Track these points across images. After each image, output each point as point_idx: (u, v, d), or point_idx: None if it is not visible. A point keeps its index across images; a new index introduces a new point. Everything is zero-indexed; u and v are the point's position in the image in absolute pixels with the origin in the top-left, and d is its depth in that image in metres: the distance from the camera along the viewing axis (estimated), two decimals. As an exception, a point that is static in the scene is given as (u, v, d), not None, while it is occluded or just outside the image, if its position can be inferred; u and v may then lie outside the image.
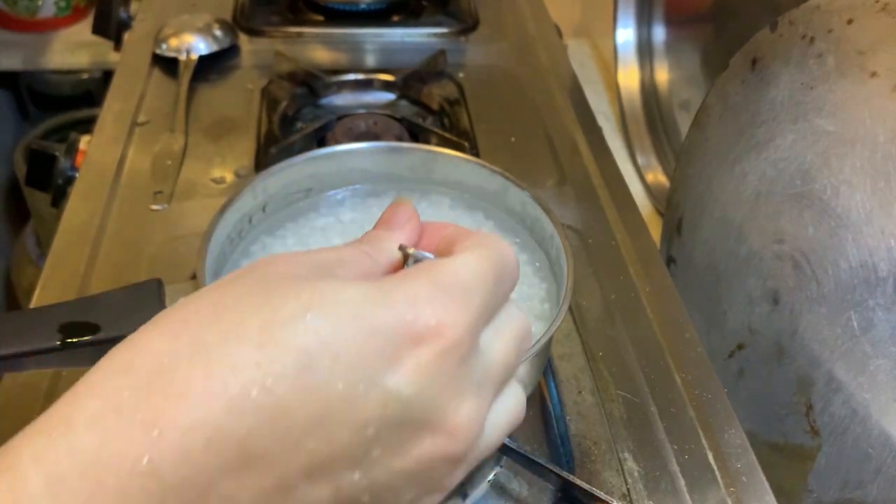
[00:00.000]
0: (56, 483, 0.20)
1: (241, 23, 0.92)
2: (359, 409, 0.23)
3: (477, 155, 0.73)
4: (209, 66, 0.84)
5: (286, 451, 0.22)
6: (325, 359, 0.22)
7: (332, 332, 0.23)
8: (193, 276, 0.41)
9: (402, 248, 0.29)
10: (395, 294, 0.24)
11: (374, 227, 0.31)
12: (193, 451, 0.21)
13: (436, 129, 0.77)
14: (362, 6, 0.94)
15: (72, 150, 0.77)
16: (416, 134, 0.76)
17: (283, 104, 0.80)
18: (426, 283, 0.25)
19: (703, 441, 0.50)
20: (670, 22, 1.01)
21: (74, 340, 0.37)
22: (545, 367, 0.52)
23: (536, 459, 0.45)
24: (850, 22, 0.53)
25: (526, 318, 0.29)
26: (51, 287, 0.57)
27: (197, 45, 0.84)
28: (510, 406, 0.28)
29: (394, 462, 0.24)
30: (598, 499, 0.44)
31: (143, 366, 0.22)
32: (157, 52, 0.83)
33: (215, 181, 0.69)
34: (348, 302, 0.23)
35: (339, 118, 0.77)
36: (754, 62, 0.62)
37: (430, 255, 0.29)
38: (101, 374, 0.22)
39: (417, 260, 0.29)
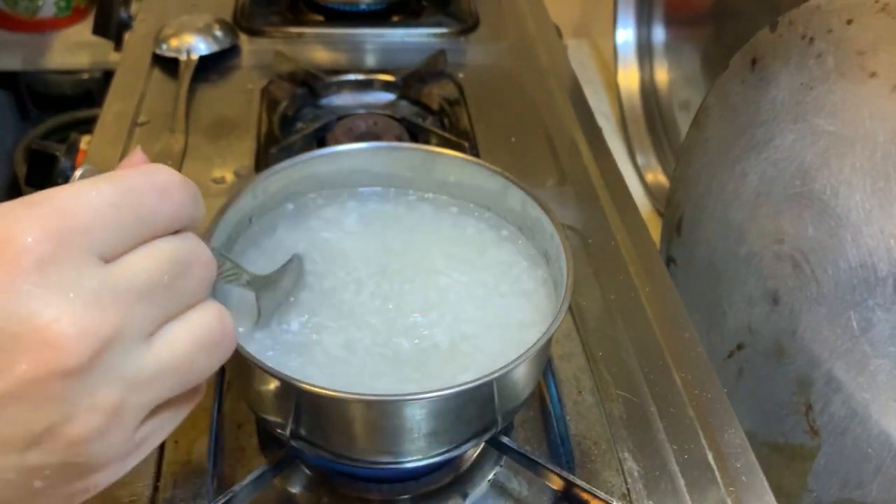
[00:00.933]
0: None
1: (242, 23, 0.92)
2: None
3: (477, 155, 0.73)
4: (209, 67, 0.84)
5: None
6: None
7: None
8: (193, 276, 0.41)
9: (85, 170, 0.28)
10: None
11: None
12: None
13: (436, 129, 0.77)
14: (362, 6, 0.94)
15: (72, 150, 0.77)
16: (416, 134, 0.77)
17: (283, 104, 0.80)
18: (11, 203, 0.24)
19: (703, 441, 0.50)
20: (670, 22, 1.01)
21: (75, 340, 0.37)
22: (545, 367, 0.52)
23: (536, 459, 0.45)
24: (849, 22, 0.53)
25: (196, 245, 0.28)
26: (51, 287, 0.57)
27: (197, 46, 0.84)
28: (193, 321, 0.27)
29: None
30: (598, 498, 0.44)
31: None
32: (158, 52, 0.84)
33: (215, 181, 0.69)
34: None
35: (339, 118, 0.77)
36: (754, 62, 0.62)
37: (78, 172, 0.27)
38: None
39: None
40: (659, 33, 1.02)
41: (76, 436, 0.24)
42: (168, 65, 0.83)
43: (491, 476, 0.48)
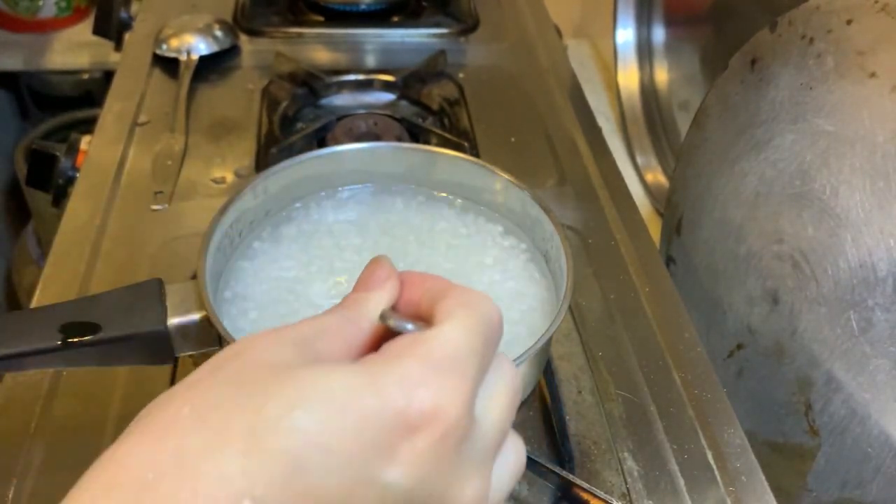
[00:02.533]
0: None
1: (242, 23, 0.92)
2: None
3: (477, 155, 0.73)
4: (210, 67, 0.84)
5: None
6: (314, 458, 0.21)
7: (320, 428, 0.22)
8: (193, 276, 0.41)
9: (383, 316, 0.28)
10: (384, 378, 0.23)
11: (354, 289, 0.30)
12: None
13: (436, 129, 0.77)
14: (362, 6, 0.95)
15: (72, 150, 0.77)
16: (416, 134, 0.77)
17: (284, 104, 0.80)
18: (416, 363, 0.24)
19: (703, 441, 0.50)
20: (670, 22, 1.01)
21: (75, 340, 0.37)
22: (545, 367, 0.52)
23: (536, 459, 0.45)
24: (849, 22, 0.53)
25: (514, 366, 0.28)
26: (51, 287, 0.57)
27: (197, 46, 0.84)
28: (510, 460, 0.28)
29: None
30: (598, 498, 0.44)
31: (128, 482, 0.21)
32: (158, 52, 0.84)
33: (215, 181, 0.69)
34: (335, 392, 0.22)
35: (340, 118, 0.77)
36: (754, 62, 0.62)
37: (411, 326, 0.27)
38: (88, 494, 0.21)
39: (400, 329, 0.27)
40: (659, 33, 1.02)
41: None
42: (168, 65, 0.83)
43: (491, 476, 0.48)
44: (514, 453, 0.28)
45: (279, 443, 0.21)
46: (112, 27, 0.91)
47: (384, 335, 0.27)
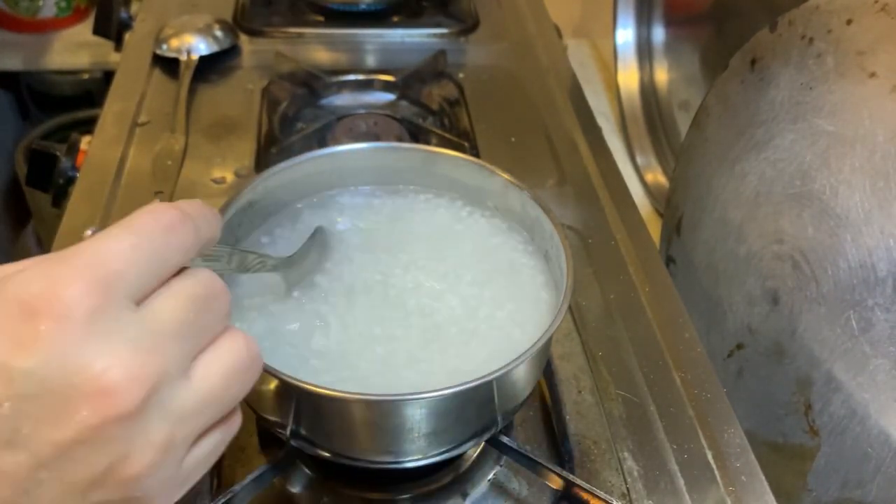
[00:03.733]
0: None
1: (242, 23, 0.92)
2: None
3: (477, 155, 0.73)
4: (210, 67, 0.84)
5: None
6: None
7: None
8: (194, 276, 0.41)
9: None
10: (9, 279, 0.25)
11: None
12: None
13: (436, 129, 0.77)
14: (362, 6, 0.95)
15: (72, 150, 0.77)
16: (416, 134, 0.77)
17: (284, 104, 0.80)
18: (44, 262, 0.25)
19: (703, 440, 0.50)
20: (670, 22, 1.01)
21: (75, 340, 0.37)
22: (545, 367, 0.52)
23: (536, 459, 0.45)
24: (849, 22, 0.53)
25: (210, 277, 0.29)
26: (51, 287, 0.57)
27: (197, 46, 0.84)
28: (223, 353, 0.29)
29: (53, 434, 0.24)
30: (598, 498, 0.44)
31: None
32: (158, 52, 0.84)
33: (215, 181, 0.69)
34: None
35: (340, 118, 0.77)
36: (754, 62, 0.62)
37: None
38: None
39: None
40: (659, 33, 1.02)
41: (134, 473, 0.26)
42: (168, 65, 0.83)
43: (491, 476, 0.48)
44: (230, 350, 0.29)
45: None
46: (112, 27, 0.91)
47: None
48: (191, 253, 0.29)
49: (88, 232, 0.29)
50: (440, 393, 0.37)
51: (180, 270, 0.29)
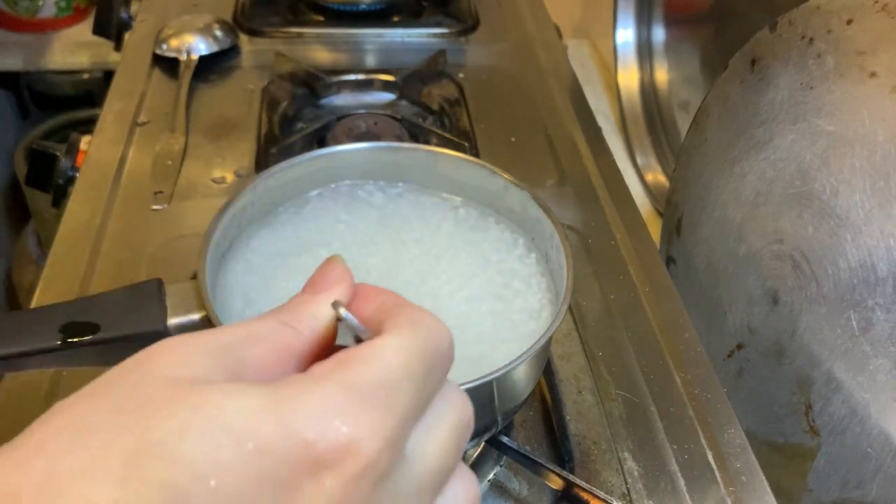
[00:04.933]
0: None
1: (242, 23, 0.92)
2: None
3: (477, 155, 0.73)
4: (210, 67, 0.84)
5: None
6: (198, 493, 0.18)
7: (208, 459, 0.19)
8: (194, 276, 0.41)
9: (335, 304, 0.25)
10: (296, 403, 0.20)
11: (302, 290, 0.26)
12: None
13: (436, 129, 0.77)
14: (362, 6, 0.95)
15: (72, 150, 0.77)
16: (416, 134, 0.77)
17: (284, 104, 0.80)
18: (339, 388, 0.21)
19: (703, 441, 0.50)
20: (670, 22, 1.01)
21: (75, 340, 0.37)
22: (545, 367, 0.52)
23: (536, 459, 0.45)
24: (849, 22, 0.53)
25: (465, 398, 0.25)
26: (51, 287, 0.57)
27: (197, 46, 0.84)
28: (458, 499, 0.24)
29: None
30: (598, 498, 0.44)
31: None
32: (158, 52, 0.84)
33: (215, 181, 0.69)
34: (234, 417, 0.19)
35: (340, 118, 0.77)
36: (754, 62, 0.62)
37: (362, 328, 0.24)
38: None
39: (348, 324, 0.25)
40: (659, 33, 1.02)
41: None
42: (168, 65, 0.83)
43: (491, 476, 0.48)
44: (462, 492, 0.25)
45: (160, 473, 0.18)
46: (112, 27, 0.91)
47: (329, 346, 0.25)
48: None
49: (342, 311, 0.24)
50: (440, 393, 0.37)
51: None
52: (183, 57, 0.83)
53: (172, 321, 0.39)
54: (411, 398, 0.22)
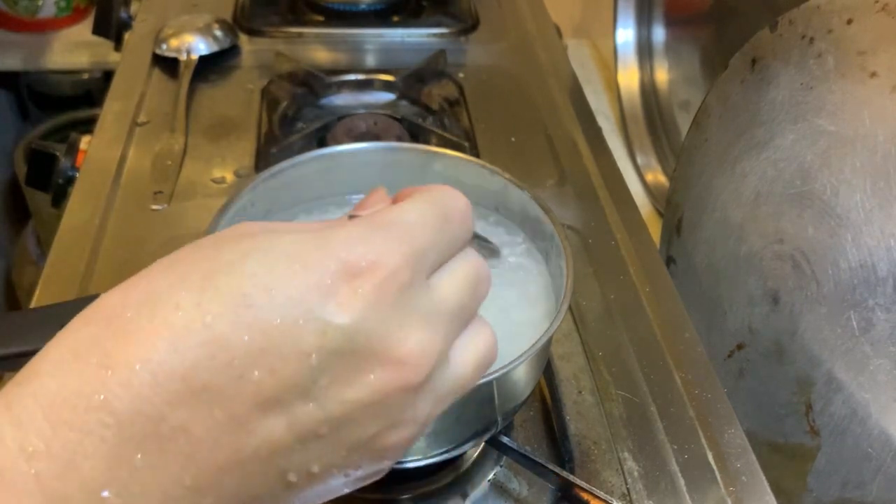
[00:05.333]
0: (24, 423, 0.22)
1: (242, 23, 0.92)
2: (298, 340, 0.24)
3: (477, 155, 0.73)
4: (209, 67, 0.84)
5: (231, 384, 0.23)
6: (260, 296, 0.24)
7: (266, 273, 0.24)
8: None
9: (351, 215, 0.29)
10: (331, 237, 0.26)
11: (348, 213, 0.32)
12: (141, 386, 0.22)
13: (436, 129, 0.77)
14: (362, 6, 0.95)
15: (72, 150, 0.77)
16: (416, 134, 0.77)
17: (284, 104, 0.80)
18: (363, 225, 0.26)
19: (703, 441, 0.50)
20: (670, 22, 1.01)
21: (75, 340, 0.37)
22: (545, 367, 0.52)
23: (536, 459, 0.45)
24: (849, 22, 0.53)
25: (481, 261, 0.30)
26: (51, 287, 0.57)
27: (197, 46, 0.84)
28: (477, 342, 0.29)
29: (346, 392, 0.25)
30: (598, 498, 0.44)
31: (100, 316, 0.24)
32: (158, 52, 0.84)
33: (215, 181, 0.69)
34: (284, 245, 0.25)
35: (340, 118, 0.77)
36: (754, 62, 0.62)
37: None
38: (65, 330, 0.25)
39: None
40: (659, 33, 1.02)
41: (393, 442, 0.27)
42: (168, 65, 0.83)
43: (491, 476, 0.48)
44: (481, 336, 0.29)
45: (230, 282, 0.24)
46: (112, 27, 0.91)
47: None
48: (469, 239, 0.30)
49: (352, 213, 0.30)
50: (440, 393, 0.37)
51: None
52: (183, 57, 0.83)
53: (172, 321, 0.39)
54: (426, 237, 0.27)
